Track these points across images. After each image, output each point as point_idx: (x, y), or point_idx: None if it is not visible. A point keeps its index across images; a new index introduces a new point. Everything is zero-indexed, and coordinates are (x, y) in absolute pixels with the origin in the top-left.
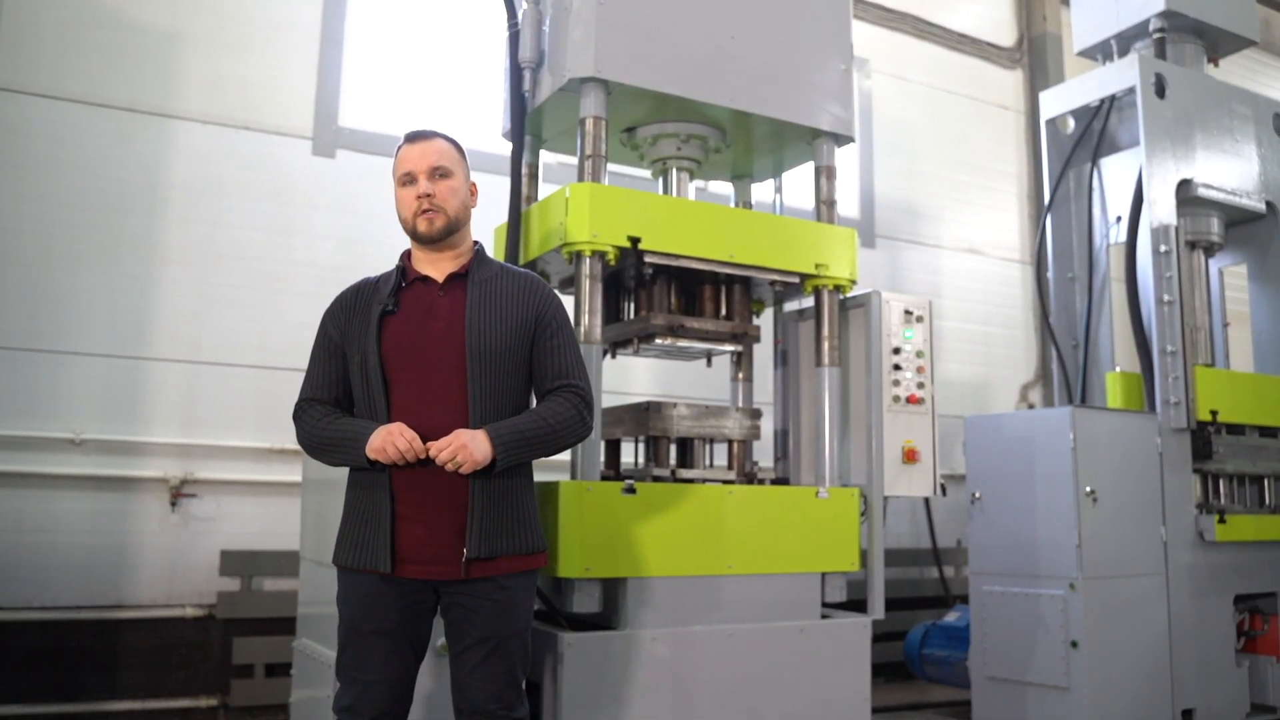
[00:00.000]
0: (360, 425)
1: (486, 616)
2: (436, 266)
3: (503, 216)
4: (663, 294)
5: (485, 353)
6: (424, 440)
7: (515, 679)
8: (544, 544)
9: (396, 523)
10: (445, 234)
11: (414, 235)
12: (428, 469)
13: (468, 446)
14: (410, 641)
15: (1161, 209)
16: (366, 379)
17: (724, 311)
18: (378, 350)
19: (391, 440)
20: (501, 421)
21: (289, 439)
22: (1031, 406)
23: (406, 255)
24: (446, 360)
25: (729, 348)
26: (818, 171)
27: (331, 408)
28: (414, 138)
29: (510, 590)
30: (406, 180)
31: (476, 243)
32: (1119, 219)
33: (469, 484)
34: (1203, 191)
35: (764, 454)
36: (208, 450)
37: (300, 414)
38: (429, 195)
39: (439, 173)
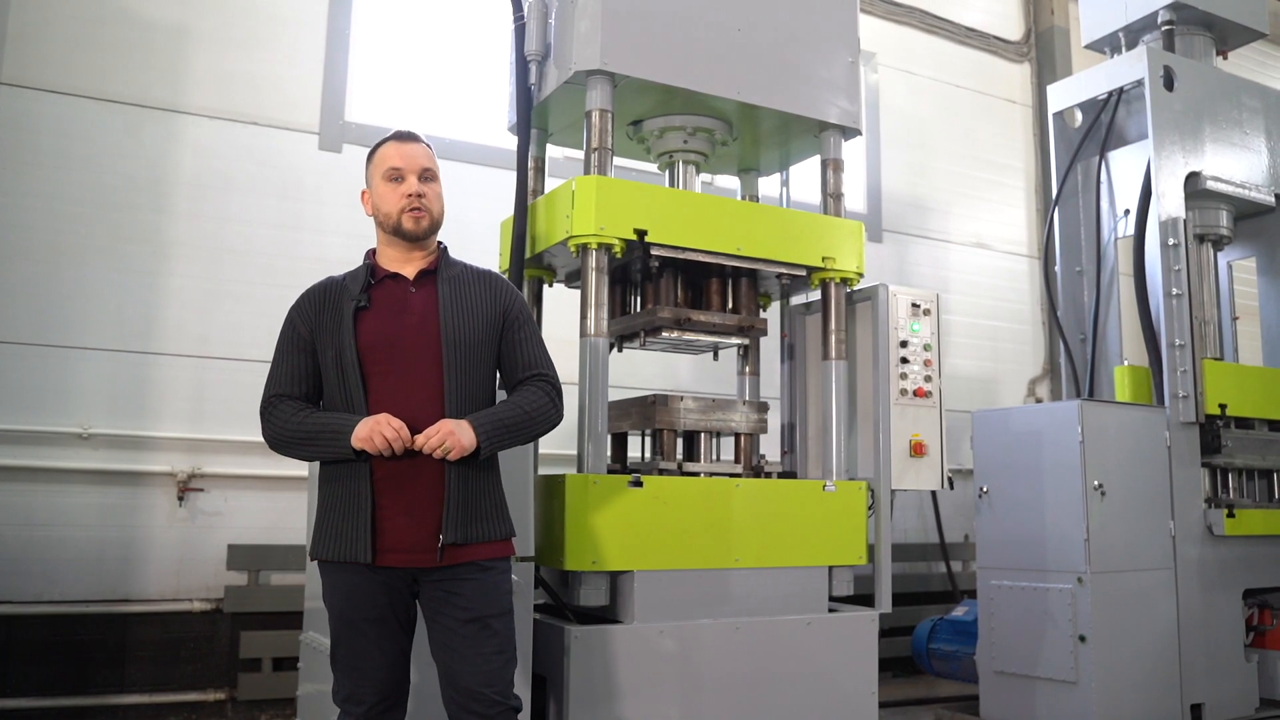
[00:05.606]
0: (341, 418)
1: (470, 595)
2: (406, 264)
3: (509, 210)
4: (669, 287)
5: (460, 345)
6: None
7: (507, 664)
8: (514, 530)
9: (377, 513)
10: (428, 234)
11: (396, 231)
12: (408, 459)
13: (455, 434)
14: (399, 621)
15: (1170, 202)
16: (342, 373)
17: (730, 305)
18: (354, 344)
19: (379, 429)
20: (482, 411)
21: None
22: (1039, 401)
23: (372, 253)
24: (422, 353)
25: (735, 341)
26: (824, 164)
27: (303, 403)
28: (402, 138)
29: (492, 570)
30: (393, 177)
31: (440, 242)
32: (1127, 212)
33: (445, 473)
34: (1211, 184)
35: (771, 447)
36: (215, 445)
37: (270, 410)
38: (420, 195)
39: (426, 175)
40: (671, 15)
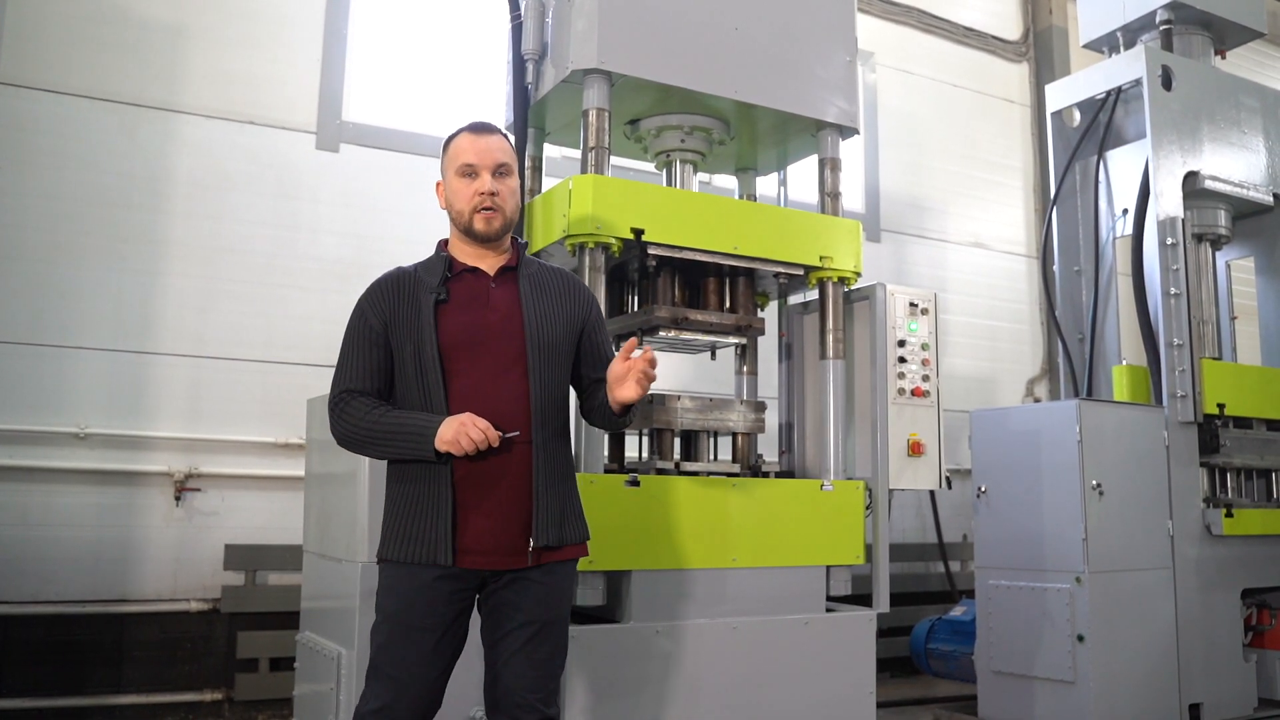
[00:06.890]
0: (422, 418)
1: (532, 600)
2: (482, 260)
3: None
4: (666, 286)
5: (543, 345)
6: None
7: (554, 671)
8: (589, 533)
9: (458, 514)
10: (500, 235)
11: (467, 230)
12: (490, 459)
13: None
14: (452, 636)
15: (1168, 201)
16: (421, 369)
17: (728, 304)
18: (435, 340)
19: (465, 431)
20: None
21: (293, 433)
22: (1038, 401)
23: (444, 244)
24: (505, 351)
25: (733, 340)
26: (822, 164)
27: (376, 399)
28: (479, 129)
29: (558, 575)
30: (467, 172)
31: (514, 238)
32: (1125, 212)
33: (532, 475)
34: (1210, 184)
35: (769, 447)
36: (212, 445)
37: (342, 405)
38: (494, 194)
39: (502, 171)
40: (669, 14)
